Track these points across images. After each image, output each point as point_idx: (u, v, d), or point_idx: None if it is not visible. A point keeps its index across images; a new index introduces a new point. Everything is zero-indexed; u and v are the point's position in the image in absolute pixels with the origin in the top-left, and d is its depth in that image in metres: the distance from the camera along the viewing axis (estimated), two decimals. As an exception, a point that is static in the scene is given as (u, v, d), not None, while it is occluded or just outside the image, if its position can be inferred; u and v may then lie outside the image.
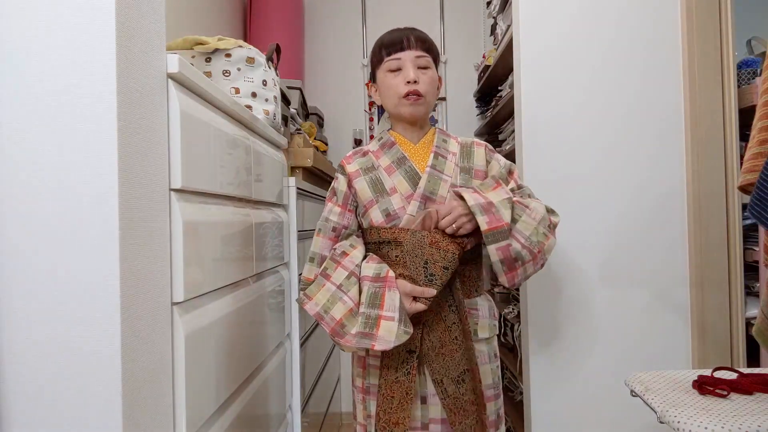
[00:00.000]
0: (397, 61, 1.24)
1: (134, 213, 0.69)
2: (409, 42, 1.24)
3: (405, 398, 1.17)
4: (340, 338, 1.14)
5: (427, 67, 1.26)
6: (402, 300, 1.14)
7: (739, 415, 0.96)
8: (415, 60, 1.24)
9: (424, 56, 1.25)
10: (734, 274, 1.57)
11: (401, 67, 1.24)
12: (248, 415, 1.11)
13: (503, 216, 1.14)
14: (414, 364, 1.18)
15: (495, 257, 1.14)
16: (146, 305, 0.72)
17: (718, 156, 1.59)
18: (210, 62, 1.29)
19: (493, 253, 1.14)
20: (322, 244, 1.27)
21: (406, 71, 1.23)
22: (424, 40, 1.26)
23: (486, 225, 1.12)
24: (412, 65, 1.23)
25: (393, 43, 1.25)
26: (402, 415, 1.16)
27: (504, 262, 1.14)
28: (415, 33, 1.26)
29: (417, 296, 1.15)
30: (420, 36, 1.26)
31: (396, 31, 1.27)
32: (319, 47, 2.98)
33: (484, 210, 1.13)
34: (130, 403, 0.67)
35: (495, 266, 1.15)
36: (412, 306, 1.14)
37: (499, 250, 1.13)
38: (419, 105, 1.24)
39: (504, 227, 1.13)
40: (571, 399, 1.66)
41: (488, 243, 1.13)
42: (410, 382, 1.17)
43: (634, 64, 1.65)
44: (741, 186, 1.06)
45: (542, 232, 1.18)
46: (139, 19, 0.72)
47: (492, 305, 1.31)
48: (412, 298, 1.15)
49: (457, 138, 1.33)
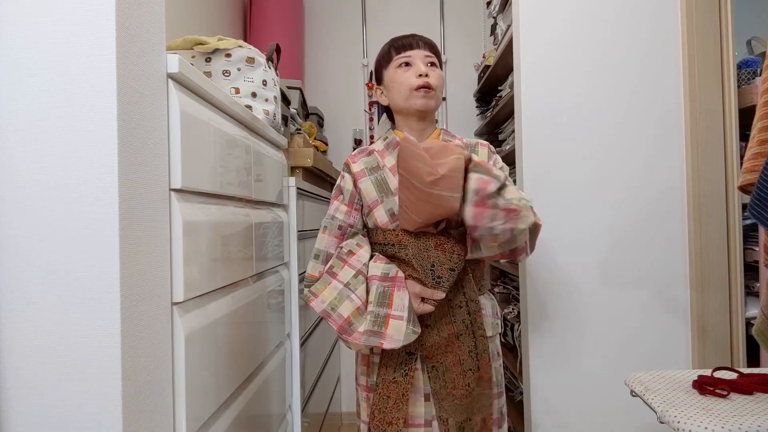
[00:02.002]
0: (407, 58, 1.28)
1: (134, 213, 0.69)
2: (418, 43, 1.29)
3: (401, 399, 1.17)
4: (348, 336, 1.14)
5: (434, 66, 1.29)
6: (411, 300, 1.14)
7: (739, 415, 0.96)
8: (425, 58, 1.28)
9: (431, 56, 1.29)
10: (734, 274, 1.57)
11: (411, 63, 1.27)
12: (248, 415, 1.11)
13: (497, 173, 1.11)
14: (413, 366, 1.19)
15: (472, 184, 1.08)
16: (146, 305, 0.72)
17: (718, 156, 1.59)
18: (210, 62, 1.29)
19: (473, 180, 1.08)
20: (327, 241, 1.27)
21: (417, 66, 1.26)
22: (432, 45, 1.32)
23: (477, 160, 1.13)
24: (422, 62, 1.27)
25: (403, 44, 1.30)
26: (397, 415, 1.17)
27: (477, 192, 1.07)
28: (423, 38, 1.32)
29: (426, 298, 1.16)
30: (427, 41, 1.32)
31: (405, 36, 1.32)
32: (319, 47, 2.98)
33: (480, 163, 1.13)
34: (130, 403, 0.67)
35: (468, 194, 1.08)
36: (420, 307, 1.16)
37: (480, 181, 1.08)
38: (430, 98, 1.26)
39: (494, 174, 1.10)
40: (571, 399, 1.66)
41: (472, 171, 1.10)
42: (407, 383, 1.18)
43: (634, 63, 1.65)
44: (741, 186, 1.06)
45: (520, 204, 1.10)
46: (139, 19, 0.72)
47: (495, 304, 1.31)
48: (421, 299, 1.16)
49: (462, 138, 1.33)
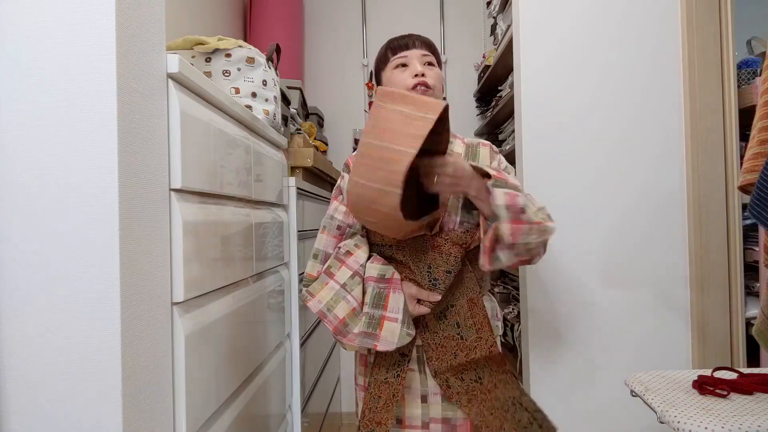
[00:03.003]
0: (403, 59, 1.26)
1: (134, 213, 0.69)
2: (414, 43, 1.27)
3: (391, 399, 1.17)
4: (343, 337, 1.14)
5: (432, 65, 1.28)
6: (406, 302, 1.14)
7: (739, 415, 0.96)
8: (421, 58, 1.26)
9: (428, 55, 1.28)
10: (734, 274, 1.57)
11: (408, 63, 1.26)
12: (248, 415, 1.11)
13: (513, 182, 1.10)
14: (406, 367, 1.19)
15: (501, 200, 1.04)
16: (146, 305, 0.72)
17: (718, 156, 1.59)
18: (210, 62, 1.29)
19: (500, 196, 1.04)
20: (326, 241, 1.27)
21: (413, 66, 1.25)
22: (429, 44, 1.30)
23: (495, 173, 1.08)
24: (419, 62, 1.26)
25: (399, 45, 1.28)
26: (386, 415, 1.17)
27: (509, 208, 1.04)
28: (420, 37, 1.30)
29: (422, 299, 1.16)
30: (425, 40, 1.30)
31: (401, 37, 1.30)
32: (319, 47, 2.98)
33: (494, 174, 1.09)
34: (130, 403, 0.67)
35: (498, 211, 1.04)
36: (415, 309, 1.16)
37: (507, 195, 1.05)
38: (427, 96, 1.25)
39: (513, 185, 1.08)
40: (571, 399, 1.66)
41: (495, 186, 1.05)
42: (398, 384, 1.18)
43: (634, 64, 1.65)
44: (741, 186, 1.06)
45: (542, 216, 1.11)
46: (139, 19, 0.72)
47: (495, 306, 1.31)
48: (416, 301, 1.16)
49: (463, 139, 1.33)
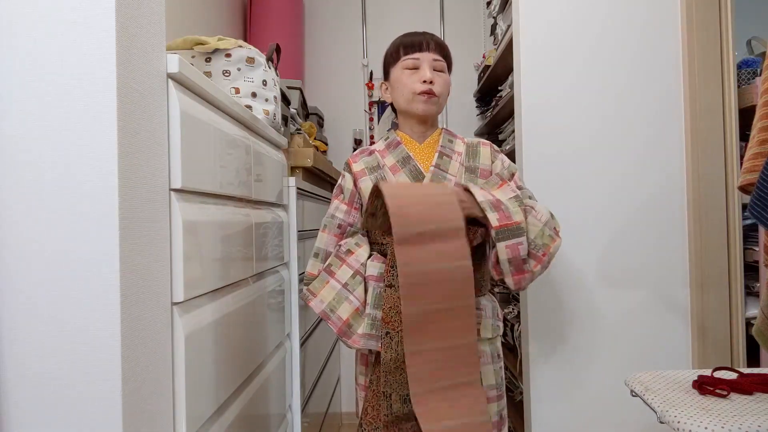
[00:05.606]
0: (414, 60, 1.26)
1: (134, 213, 0.69)
2: (428, 45, 1.27)
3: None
4: (348, 338, 1.15)
5: (442, 71, 1.28)
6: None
7: (739, 415, 0.96)
8: (433, 62, 1.26)
9: (440, 60, 1.27)
10: (734, 274, 1.57)
11: (418, 66, 1.26)
12: (248, 415, 1.11)
13: (513, 214, 1.11)
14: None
15: (504, 255, 1.10)
16: (146, 305, 0.72)
17: (718, 156, 1.59)
18: (210, 62, 1.29)
19: (503, 251, 1.10)
20: (327, 240, 1.27)
21: (423, 71, 1.25)
22: (443, 47, 1.29)
23: (497, 222, 1.09)
24: (429, 66, 1.25)
25: (413, 44, 1.27)
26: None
27: (512, 262, 1.11)
28: (434, 38, 1.29)
29: None
30: (439, 42, 1.29)
31: (416, 34, 1.29)
32: (319, 47, 2.98)
33: (494, 207, 1.11)
34: (130, 403, 0.67)
35: (503, 266, 1.11)
36: None
37: (509, 248, 1.10)
38: (432, 104, 1.26)
39: (515, 225, 1.10)
40: (571, 399, 1.66)
41: (498, 240, 1.10)
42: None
43: (634, 64, 1.65)
44: (741, 186, 1.06)
45: (548, 234, 1.15)
46: (139, 19, 0.72)
47: (495, 306, 1.31)
48: None
49: (463, 138, 1.33)
